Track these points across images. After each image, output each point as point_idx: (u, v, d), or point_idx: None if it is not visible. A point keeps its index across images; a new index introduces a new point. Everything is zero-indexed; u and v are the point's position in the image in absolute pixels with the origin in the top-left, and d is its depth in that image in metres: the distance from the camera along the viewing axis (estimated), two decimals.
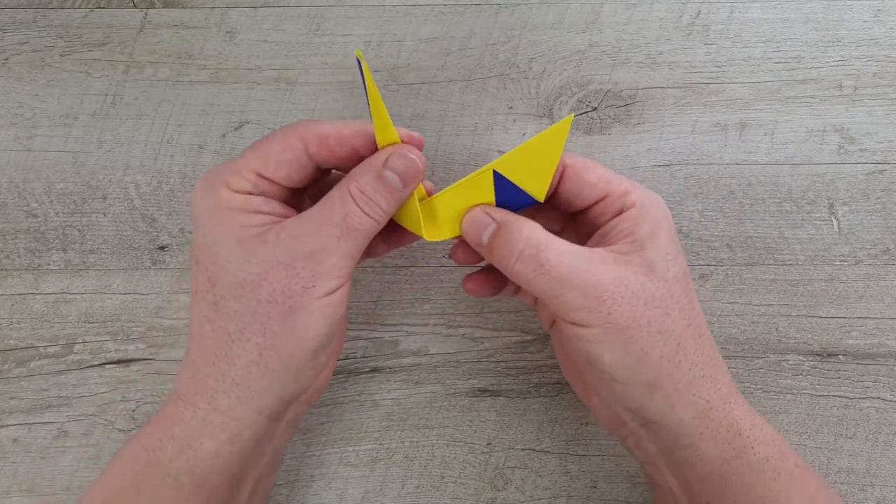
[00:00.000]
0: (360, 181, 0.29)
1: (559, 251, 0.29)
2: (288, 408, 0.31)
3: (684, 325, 0.29)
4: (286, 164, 0.29)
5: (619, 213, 0.30)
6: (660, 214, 0.30)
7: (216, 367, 0.29)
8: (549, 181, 0.30)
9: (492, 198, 0.31)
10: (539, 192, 0.31)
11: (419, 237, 0.31)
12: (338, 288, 0.29)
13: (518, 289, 0.35)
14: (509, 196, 0.31)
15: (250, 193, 0.29)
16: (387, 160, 0.29)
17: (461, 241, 0.33)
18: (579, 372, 0.34)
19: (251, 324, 0.28)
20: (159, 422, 0.30)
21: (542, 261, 0.29)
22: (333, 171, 0.33)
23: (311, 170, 0.30)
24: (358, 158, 0.30)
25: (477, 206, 0.31)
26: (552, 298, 0.29)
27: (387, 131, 0.30)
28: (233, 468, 0.30)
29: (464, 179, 0.31)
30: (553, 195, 0.32)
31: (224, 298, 0.28)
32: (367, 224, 0.29)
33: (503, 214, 0.30)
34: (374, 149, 0.30)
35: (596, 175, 0.31)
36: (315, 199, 0.30)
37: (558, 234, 0.33)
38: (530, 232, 0.30)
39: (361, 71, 0.29)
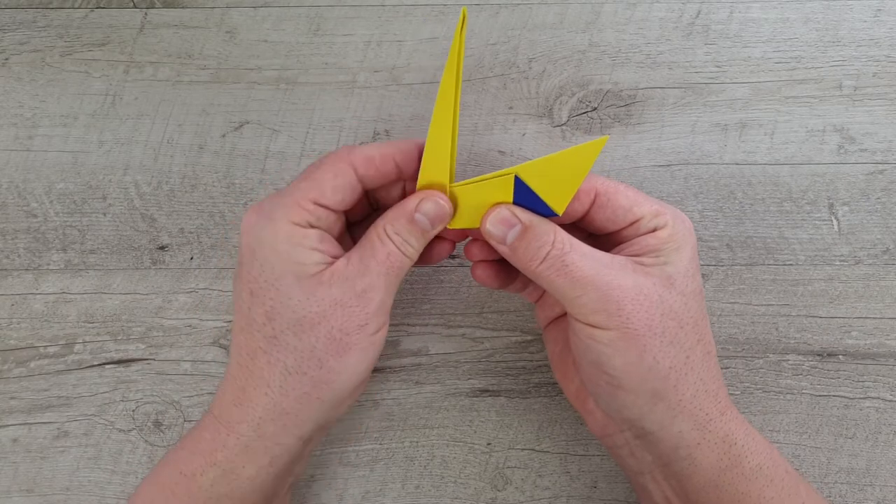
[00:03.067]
0: (395, 224, 0.31)
1: (583, 253, 0.30)
2: (320, 432, 0.32)
3: (695, 340, 0.30)
4: (340, 188, 0.30)
5: (652, 231, 0.31)
6: (687, 234, 0.31)
7: (268, 396, 0.30)
8: (572, 196, 0.31)
9: (510, 201, 0.31)
10: (559, 205, 0.31)
11: (444, 257, 0.34)
12: (384, 325, 0.31)
13: (524, 286, 0.36)
14: (527, 202, 0.31)
15: (310, 226, 0.30)
16: (419, 205, 0.31)
17: (476, 240, 0.33)
18: (575, 375, 0.34)
19: (309, 359, 0.30)
20: (196, 446, 0.31)
21: (567, 262, 0.30)
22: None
23: (360, 193, 0.32)
24: (398, 175, 0.32)
25: (500, 204, 0.31)
26: (572, 299, 0.30)
27: (440, 157, 0.31)
28: (267, 487, 0.31)
29: (484, 178, 0.31)
30: (583, 219, 0.32)
31: (284, 333, 0.30)
32: (405, 262, 0.31)
33: (528, 216, 0.31)
34: (414, 164, 0.31)
35: (628, 199, 0.31)
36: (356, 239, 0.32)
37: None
38: (555, 233, 0.30)
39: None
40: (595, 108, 0.39)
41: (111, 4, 0.39)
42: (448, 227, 0.32)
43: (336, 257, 0.31)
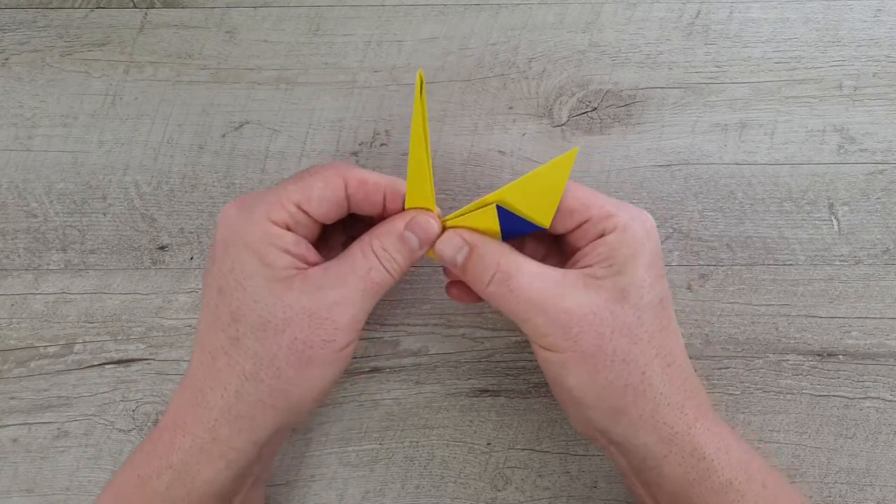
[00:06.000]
0: (383, 240, 0.30)
1: (530, 274, 0.29)
2: (276, 435, 0.32)
3: (652, 355, 0.30)
4: (327, 200, 0.30)
5: (601, 236, 0.30)
6: (643, 237, 0.30)
7: (223, 398, 0.29)
8: (555, 209, 0.31)
9: (497, 228, 0.31)
10: (545, 219, 0.31)
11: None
12: (353, 341, 0.30)
13: None
14: (514, 226, 0.31)
15: (287, 227, 0.29)
16: (409, 223, 0.30)
17: (454, 281, 0.34)
18: None
19: (268, 367, 0.29)
20: (153, 449, 0.30)
21: (512, 286, 0.29)
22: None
23: (344, 211, 0.31)
24: (382, 208, 0.31)
25: (453, 228, 0.31)
26: (522, 322, 0.30)
27: (422, 189, 0.31)
28: (224, 490, 0.30)
29: (469, 210, 0.31)
30: None
31: (246, 336, 0.29)
32: (387, 279, 0.30)
33: (474, 237, 0.31)
34: (400, 202, 0.31)
35: (576, 199, 0.30)
36: (324, 253, 0.32)
37: (543, 256, 0.33)
38: (501, 256, 0.30)
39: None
40: (595, 108, 0.39)
41: (111, 4, 0.39)
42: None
43: (311, 264, 0.30)
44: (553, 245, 0.35)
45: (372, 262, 0.30)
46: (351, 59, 0.39)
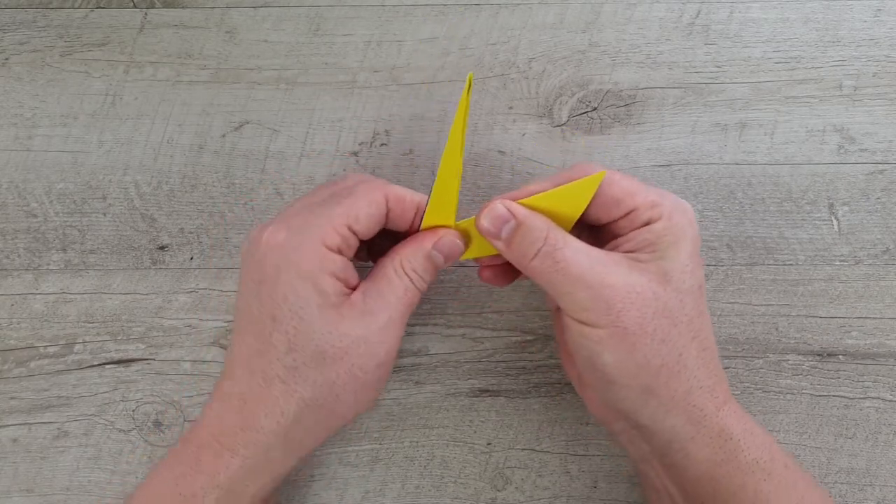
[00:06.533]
0: (413, 261, 0.31)
1: (575, 249, 0.30)
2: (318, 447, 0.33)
3: (689, 338, 0.30)
4: (371, 218, 0.31)
5: (646, 224, 0.31)
6: (686, 226, 0.31)
7: (279, 424, 0.30)
8: (571, 226, 0.31)
9: None
10: None
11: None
12: (396, 358, 0.32)
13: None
14: None
15: (339, 252, 0.30)
16: (437, 243, 0.32)
17: (489, 265, 0.34)
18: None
19: (328, 394, 0.30)
20: (197, 465, 0.30)
21: (559, 258, 0.29)
22: None
23: (381, 226, 0.32)
24: (411, 225, 0.32)
25: (495, 199, 0.31)
26: (563, 295, 0.30)
27: (446, 203, 0.31)
28: (266, 498, 0.32)
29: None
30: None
31: (305, 366, 0.29)
32: (417, 297, 0.32)
33: (520, 210, 0.31)
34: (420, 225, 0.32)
35: (622, 189, 0.31)
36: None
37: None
38: (548, 230, 0.30)
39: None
40: (595, 108, 0.39)
41: (111, 4, 0.39)
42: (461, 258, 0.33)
43: (352, 287, 0.31)
44: (583, 232, 0.35)
45: (406, 282, 0.31)
46: (351, 59, 0.39)
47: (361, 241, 0.32)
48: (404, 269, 0.31)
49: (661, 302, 0.29)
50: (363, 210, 0.30)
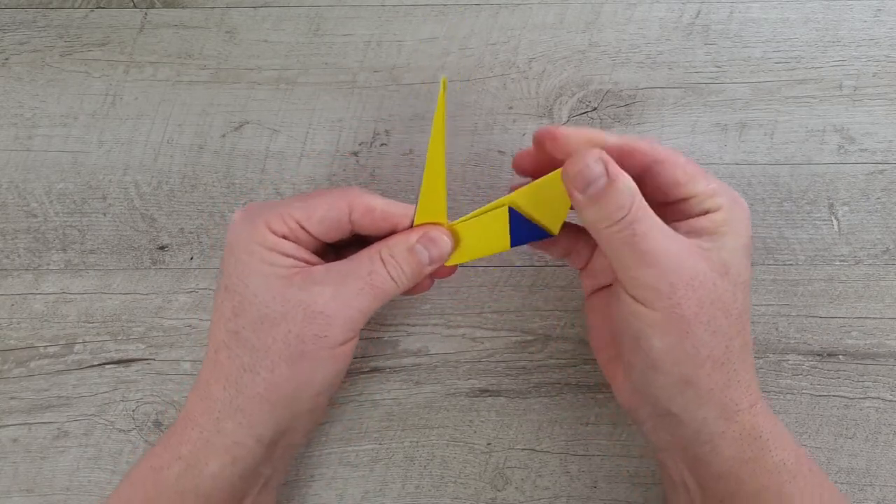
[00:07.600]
0: (392, 249, 0.31)
1: (656, 225, 0.29)
2: (283, 437, 0.32)
3: (736, 332, 0.30)
4: (327, 221, 0.31)
5: (705, 213, 0.30)
6: (744, 220, 0.30)
7: (226, 391, 0.30)
8: (565, 216, 0.31)
9: (506, 231, 0.31)
10: (554, 226, 0.31)
11: (425, 290, 0.34)
12: (347, 341, 0.31)
13: (567, 251, 0.34)
14: (523, 231, 0.31)
15: (285, 237, 0.30)
16: (422, 237, 0.31)
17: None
18: (610, 347, 0.34)
19: (263, 359, 0.30)
20: (167, 442, 0.31)
21: (638, 230, 0.28)
22: None
23: (347, 232, 0.32)
24: (389, 233, 0.32)
25: (591, 150, 0.28)
26: (627, 268, 0.29)
27: (435, 205, 0.31)
28: (234, 489, 0.31)
29: (480, 213, 0.31)
30: (638, 186, 0.30)
31: (245, 329, 0.30)
32: (389, 286, 0.31)
33: (616, 169, 0.28)
34: (408, 226, 0.31)
35: (685, 174, 0.30)
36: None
37: None
38: (637, 196, 0.28)
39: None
40: (595, 108, 0.39)
41: (111, 4, 0.39)
42: (451, 263, 0.32)
43: (312, 265, 0.31)
44: None
45: (376, 265, 0.30)
46: (351, 59, 0.39)
47: (327, 243, 0.32)
48: (380, 254, 0.31)
49: (718, 292, 0.29)
50: (319, 211, 0.30)
